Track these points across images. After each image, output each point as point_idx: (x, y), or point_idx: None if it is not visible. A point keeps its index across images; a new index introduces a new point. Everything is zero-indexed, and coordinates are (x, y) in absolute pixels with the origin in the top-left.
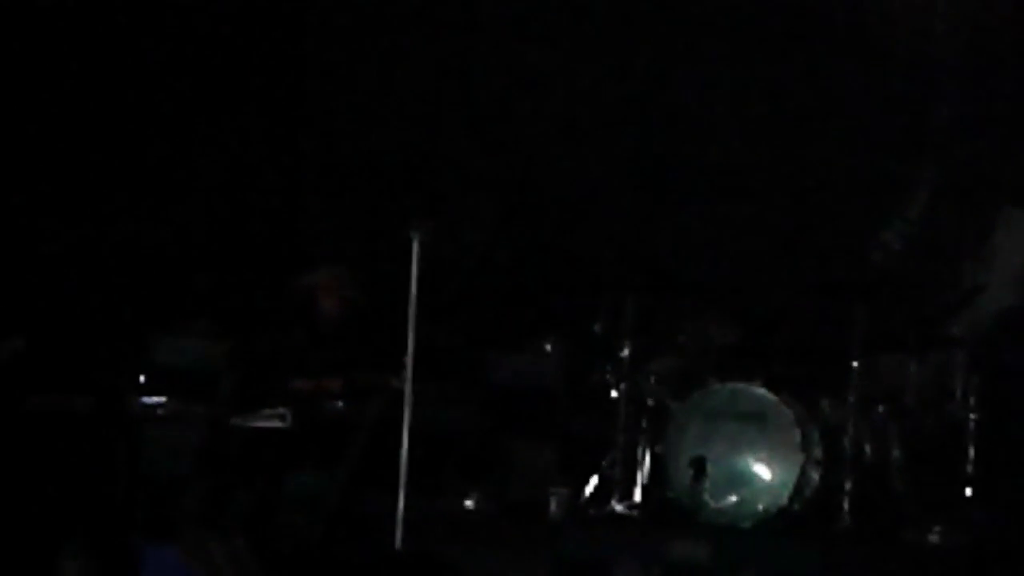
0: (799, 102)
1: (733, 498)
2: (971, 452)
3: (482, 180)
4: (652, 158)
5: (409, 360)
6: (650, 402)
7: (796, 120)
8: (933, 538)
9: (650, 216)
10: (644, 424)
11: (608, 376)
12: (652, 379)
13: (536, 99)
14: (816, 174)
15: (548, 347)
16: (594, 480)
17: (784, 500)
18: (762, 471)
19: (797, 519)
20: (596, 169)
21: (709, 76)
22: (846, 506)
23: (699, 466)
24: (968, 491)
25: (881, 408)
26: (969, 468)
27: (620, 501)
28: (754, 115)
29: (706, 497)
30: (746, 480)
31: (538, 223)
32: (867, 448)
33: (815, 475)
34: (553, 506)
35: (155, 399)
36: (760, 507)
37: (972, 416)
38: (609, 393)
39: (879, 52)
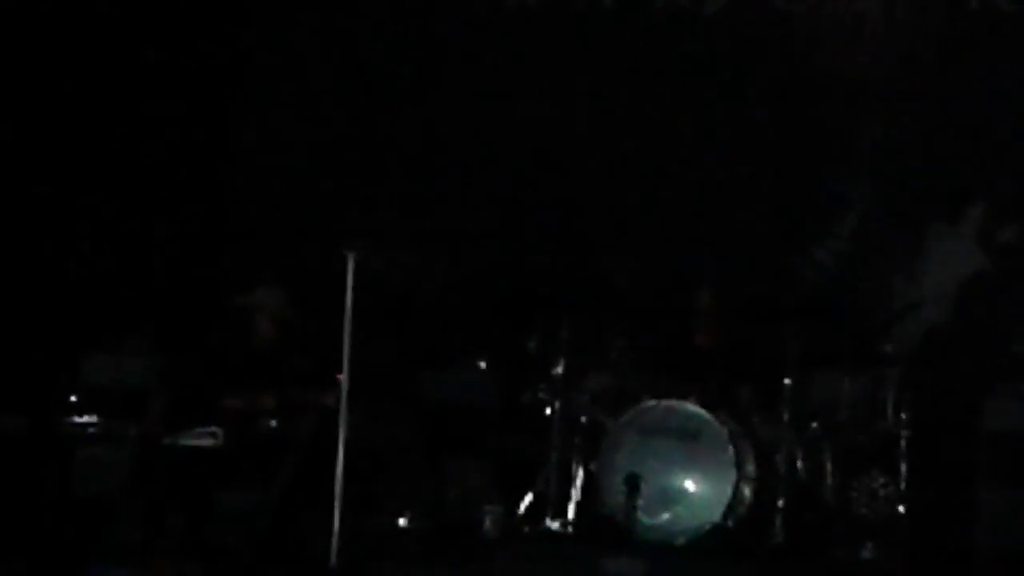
0: (729, 123)
1: (667, 515)
2: (903, 469)
3: (417, 199)
4: (584, 179)
5: (344, 377)
6: (584, 419)
7: (727, 140)
8: (866, 554)
9: (584, 235)
10: (578, 441)
11: (542, 393)
12: (586, 396)
13: (472, 119)
14: (747, 192)
15: (482, 364)
16: (528, 497)
17: (718, 517)
18: (696, 488)
19: (731, 536)
20: (531, 188)
21: (642, 98)
22: (779, 523)
23: (633, 483)
24: (900, 508)
25: (814, 425)
26: (901, 485)
27: (554, 518)
28: (685, 136)
29: (640, 514)
30: (680, 497)
31: (473, 241)
32: (800, 465)
33: (748, 492)
34: (487, 523)
35: (86, 418)
36: (694, 524)
37: (904, 433)
38: (543, 410)
39: (808, 72)
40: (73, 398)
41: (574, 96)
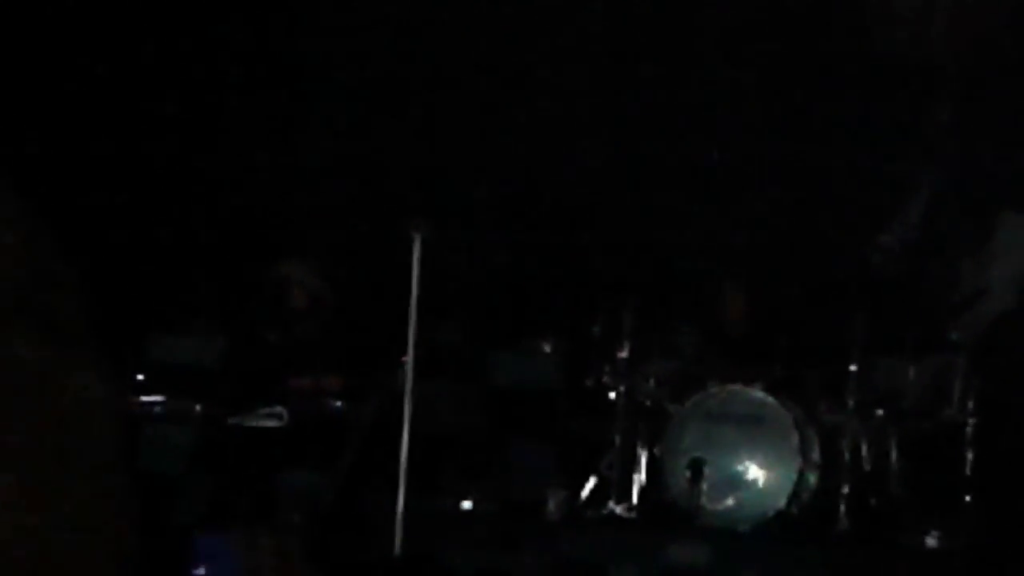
0: (798, 103)
1: (731, 501)
2: (969, 456)
3: (482, 179)
4: (650, 159)
5: (410, 359)
6: (648, 404)
7: (794, 121)
8: (931, 542)
9: (649, 218)
10: (642, 426)
11: (606, 377)
12: (651, 381)
13: (535, 97)
14: (815, 176)
15: (547, 347)
16: (592, 481)
17: (782, 503)
18: (760, 474)
19: (795, 522)
20: (596, 168)
21: (708, 75)
22: (844, 509)
23: (697, 468)
24: (966, 496)
25: (879, 412)
26: (967, 472)
27: (618, 503)
28: (753, 116)
29: (704, 500)
30: (744, 483)
31: (538, 222)
32: (865, 452)
33: (813, 478)
34: (551, 507)
35: (153, 398)
36: (758, 510)
37: (970, 420)
38: (607, 394)
39: (878, 53)
40: (140, 377)
41: (637, 73)
